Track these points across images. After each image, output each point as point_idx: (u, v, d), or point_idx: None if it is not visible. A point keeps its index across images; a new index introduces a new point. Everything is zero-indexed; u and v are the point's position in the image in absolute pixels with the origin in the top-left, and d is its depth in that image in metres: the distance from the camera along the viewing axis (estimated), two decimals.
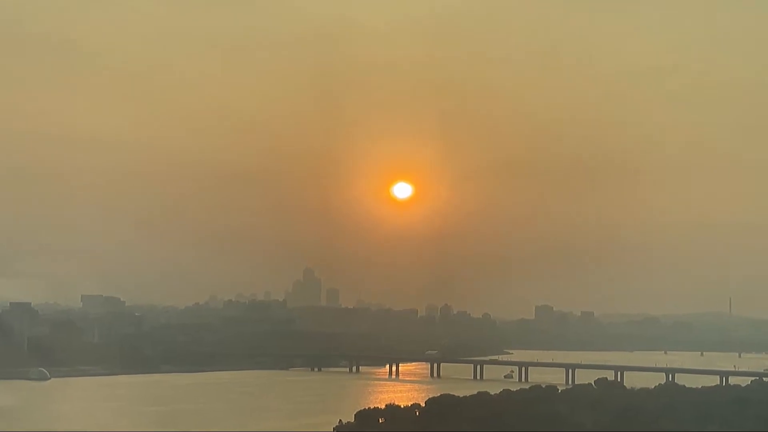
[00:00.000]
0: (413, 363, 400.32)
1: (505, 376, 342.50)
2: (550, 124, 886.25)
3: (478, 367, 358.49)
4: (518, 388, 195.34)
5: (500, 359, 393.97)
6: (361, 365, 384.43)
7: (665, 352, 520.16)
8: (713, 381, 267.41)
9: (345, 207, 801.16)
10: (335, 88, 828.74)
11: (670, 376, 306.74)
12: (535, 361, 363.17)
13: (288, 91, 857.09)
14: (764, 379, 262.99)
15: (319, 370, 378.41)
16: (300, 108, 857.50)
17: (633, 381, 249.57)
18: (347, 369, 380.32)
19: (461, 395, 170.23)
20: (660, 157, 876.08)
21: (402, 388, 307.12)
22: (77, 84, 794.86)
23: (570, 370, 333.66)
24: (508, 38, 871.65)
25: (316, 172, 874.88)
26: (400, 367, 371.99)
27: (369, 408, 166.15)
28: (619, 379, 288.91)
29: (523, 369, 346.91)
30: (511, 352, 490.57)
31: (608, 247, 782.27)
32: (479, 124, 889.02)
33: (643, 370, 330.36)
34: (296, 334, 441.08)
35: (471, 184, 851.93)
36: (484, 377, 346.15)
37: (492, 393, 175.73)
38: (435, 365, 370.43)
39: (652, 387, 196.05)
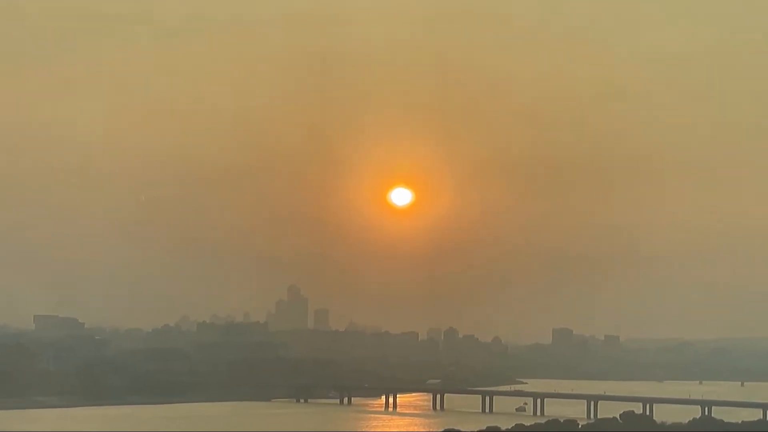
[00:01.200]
0: (413, 393, 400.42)
1: (517, 409, 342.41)
2: (564, 119, 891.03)
3: (487, 398, 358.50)
4: (533, 423, 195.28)
5: (512, 389, 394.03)
6: (354, 396, 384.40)
7: (700, 382, 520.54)
8: (755, 415, 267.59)
9: (336, 215, 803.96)
10: (325, 80, 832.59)
11: (706, 409, 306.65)
12: (553, 391, 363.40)
13: (272, 82, 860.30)
14: None
15: (306, 401, 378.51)
16: (285, 101, 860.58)
17: (664, 415, 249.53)
18: (338, 400, 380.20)
19: (468, 430, 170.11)
20: (688, 155, 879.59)
21: (400, 422, 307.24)
22: (33, 74, 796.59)
23: (592, 403, 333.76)
24: (517, 24, 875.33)
25: (302, 175, 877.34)
26: (398, 399, 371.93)
27: None
28: (648, 413, 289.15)
29: (539, 401, 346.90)
30: (524, 381, 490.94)
31: (634, 261, 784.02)
32: (486, 121, 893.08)
33: (675, 403, 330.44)
34: (279, 361, 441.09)
35: (477, 189, 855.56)
36: (493, 410, 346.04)
37: (503, 428, 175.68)
38: (438, 396, 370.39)
39: (686, 422, 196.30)
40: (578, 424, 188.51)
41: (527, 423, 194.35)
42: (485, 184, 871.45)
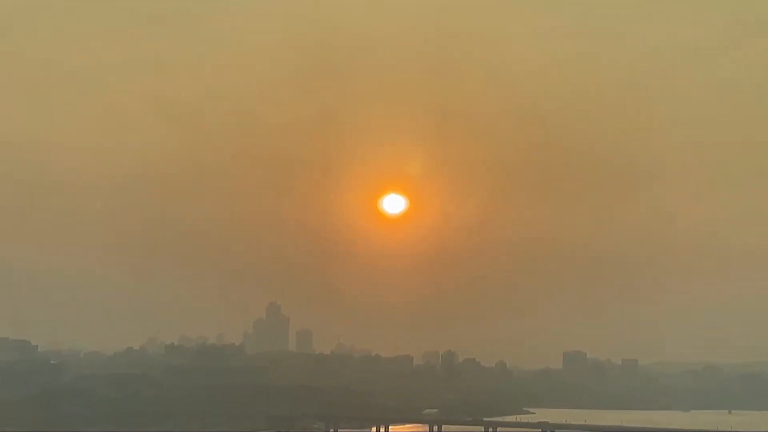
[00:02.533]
0: (407, 425, 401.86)
1: None
2: (573, 119, 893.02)
3: (491, 429, 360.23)
4: None
5: (519, 420, 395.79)
6: (340, 428, 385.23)
7: (730, 412, 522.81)
8: None
9: (321, 224, 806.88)
10: (312, 75, 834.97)
11: None
12: (564, 422, 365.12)
13: (254, 76, 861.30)
14: None
15: None
16: (265, 98, 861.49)
17: None
18: None
19: None
20: (713, 158, 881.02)
21: None
22: None
23: None
24: (519, 16, 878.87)
25: (283, 180, 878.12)
26: (390, 430, 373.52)
27: None
28: None
29: None
30: (533, 411, 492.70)
31: (654, 275, 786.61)
32: (486, 121, 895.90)
33: None
34: (257, 388, 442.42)
35: (478, 194, 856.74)
36: None
37: None
38: (435, 427, 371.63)
39: None
40: None
41: None
42: (486, 188, 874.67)
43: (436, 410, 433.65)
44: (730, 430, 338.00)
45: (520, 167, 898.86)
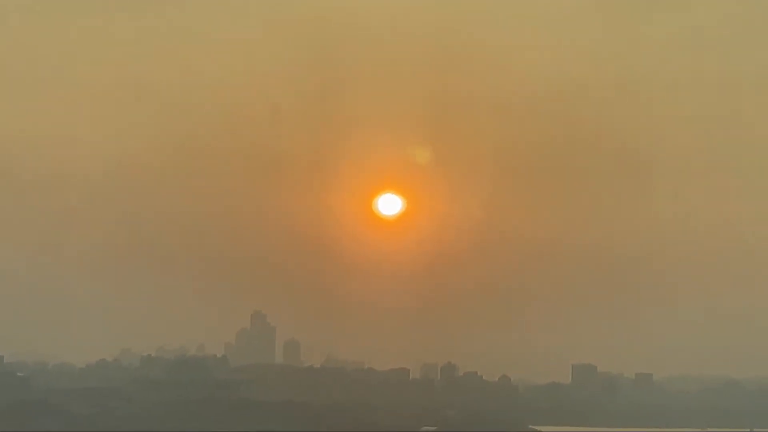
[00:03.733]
0: None
1: None
2: (582, 113, 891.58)
3: None
4: None
5: None
6: None
7: (751, 430, 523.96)
8: None
9: (310, 226, 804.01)
10: (300, 62, 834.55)
11: None
12: None
13: (236, 63, 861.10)
14: None
15: None
16: (248, 86, 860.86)
17: None
18: None
19: None
20: (733, 156, 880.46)
21: None
22: None
23: None
24: (526, 3, 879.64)
25: (269, 177, 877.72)
26: None
27: None
28: None
29: None
30: (539, 428, 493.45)
31: (670, 280, 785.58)
32: (489, 114, 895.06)
33: None
34: (241, 403, 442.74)
35: (479, 194, 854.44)
36: None
37: None
38: None
39: None
40: None
41: None
42: (490, 186, 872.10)
43: (434, 428, 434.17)
44: None
45: (526, 164, 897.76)
